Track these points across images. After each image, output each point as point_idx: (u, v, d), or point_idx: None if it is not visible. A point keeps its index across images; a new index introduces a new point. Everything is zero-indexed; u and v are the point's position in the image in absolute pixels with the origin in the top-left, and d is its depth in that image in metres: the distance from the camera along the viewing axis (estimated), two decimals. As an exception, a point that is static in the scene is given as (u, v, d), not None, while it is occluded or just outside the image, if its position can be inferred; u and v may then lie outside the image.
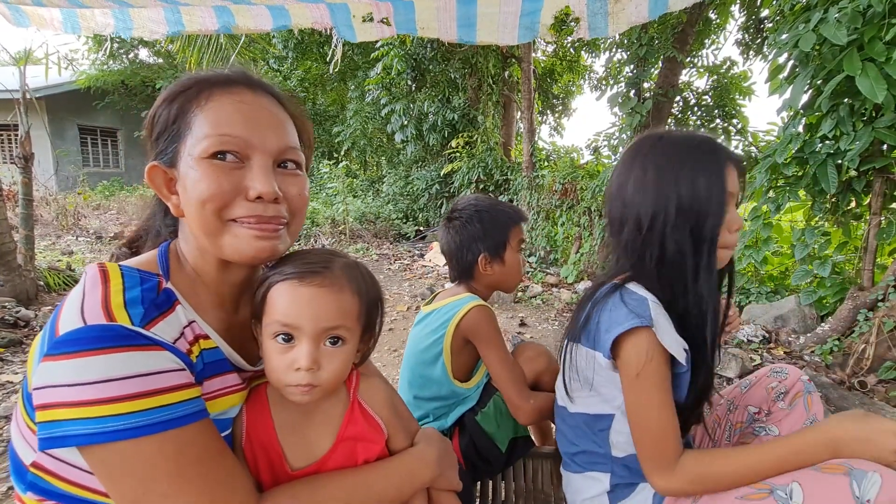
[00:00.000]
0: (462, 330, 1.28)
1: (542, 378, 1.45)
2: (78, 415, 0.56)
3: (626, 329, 0.90)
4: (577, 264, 5.63)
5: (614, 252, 1.04)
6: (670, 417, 0.91)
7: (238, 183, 0.69)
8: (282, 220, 0.74)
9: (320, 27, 2.19)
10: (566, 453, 1.14)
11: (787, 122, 3.30)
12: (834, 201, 3.19)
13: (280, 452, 0.77)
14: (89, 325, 0.59)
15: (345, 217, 8.09)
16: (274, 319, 0.73)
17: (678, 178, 0.93)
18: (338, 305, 0.74)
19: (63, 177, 12.57)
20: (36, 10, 2.30)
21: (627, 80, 5.81)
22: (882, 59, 2.43)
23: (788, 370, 1.20)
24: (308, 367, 0.71)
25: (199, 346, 0.70)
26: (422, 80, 8.98)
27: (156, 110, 0.74)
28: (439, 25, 2.07)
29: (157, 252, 0.76)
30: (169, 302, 0.69)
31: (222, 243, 0.71)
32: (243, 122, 0.70)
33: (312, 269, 0.74)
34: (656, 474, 0.91)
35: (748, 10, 6.27)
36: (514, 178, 7.53)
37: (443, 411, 1.38)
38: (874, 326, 2.86)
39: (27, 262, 3.99)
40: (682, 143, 0.97)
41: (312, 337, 0.72)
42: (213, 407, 0.71)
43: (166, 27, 2.31)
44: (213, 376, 0.72)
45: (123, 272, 0.67)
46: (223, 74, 0.74)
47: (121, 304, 0.62)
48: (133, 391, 0.58)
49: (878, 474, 0.75)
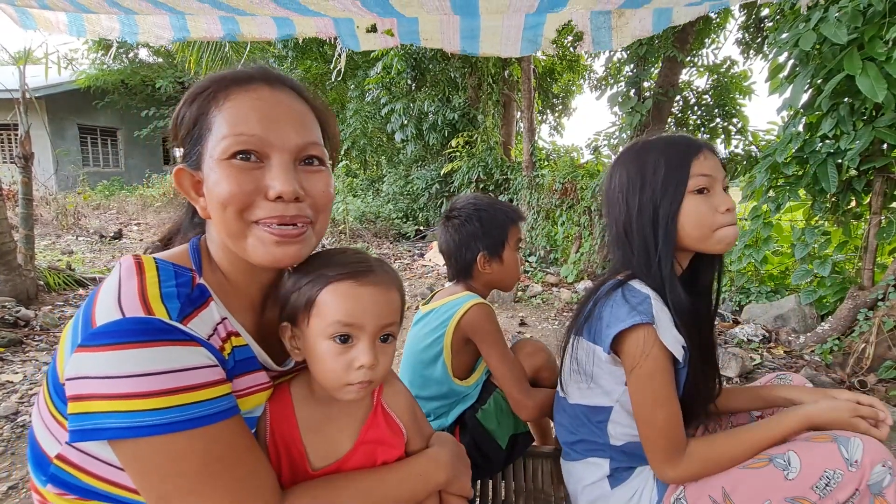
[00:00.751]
0: (462, 328, 1.28)
1: (540, 374, 1.46)
2: (112, 408, 0.56)
3: (627, 326, 0.93)
4: (577, 264, 5.63)
5: (611, 250, 1.11)
6: (675, 411, 0.95)
7: (258, 183, 0.68)
8: (306, 220, 0.72)
9: (324, 36, 2.21)
10: (565, 443, 1.17)
11: (788, 121, 3.30)
12: (834, 200, 3.19)
13: (302, 451, 0.77)
14: (128, 318, 0.59)
15: (345, 216, 8.09)
16: (334, 320, 0.72)
17: (644, 174, 1.02)
18: (392, 303, 0.77)
19: (63, 176, 12.57)
20: (42, 13, 2.31)
21: (627, 79, 5.81)
22: (882, 59, 2.43)
23: (793, 377, 1.24)
24: (371, 363, 0.72)
25: (231, 343, 0.70)
26: (422, 79, 8.98)
27: (178, 112, 0.73)
28: (443, 37, 2.08)
29: (189, 247, 0.75)
30: (203, 297, 0.69)
31: (245, 245, 0.70)
32: (260, 120, 0.68)
33: (364, 269, 0.75)
34: (666, 466, 0.96)
35: (748, 10, 6.26)
36: (514, 177, 7.53)
37: (443, 410, 1.38)
38: (874, 326, 2.86)
39: (27, 262, 3.99)
40: (654, 142, 1.05)
41: (373, 334, 0.73)
42: (242, 405, 0.71)
43: (171, 33, 2.32)
44: (244, 374, 0.72)
45: (158, 265, 0.67)
46: (241, 72, 0.73)
47: (157, 297, 0.62)
48: (168, 387, 0.58)
49: (858, 439, 0.89)
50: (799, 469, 0.89)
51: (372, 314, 0.73)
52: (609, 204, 1.10)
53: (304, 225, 0.72)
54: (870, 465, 0.87)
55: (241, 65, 0.77)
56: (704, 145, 1.02)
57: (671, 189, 0.99)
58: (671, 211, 1.00)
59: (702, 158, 1.00)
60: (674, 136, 1.06)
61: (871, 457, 0.87)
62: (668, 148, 1.03)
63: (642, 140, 1.09)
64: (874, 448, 0.89)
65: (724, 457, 0.96)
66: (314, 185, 0.73)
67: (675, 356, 0.95)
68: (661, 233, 1.00)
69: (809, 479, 0.88)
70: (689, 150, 1.01)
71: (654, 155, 1.02)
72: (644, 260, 1.02)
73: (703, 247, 1.02)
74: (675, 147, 1.02)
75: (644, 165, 1.03)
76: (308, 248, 0.74)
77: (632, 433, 1.05)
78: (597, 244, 5.49)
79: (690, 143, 1.02)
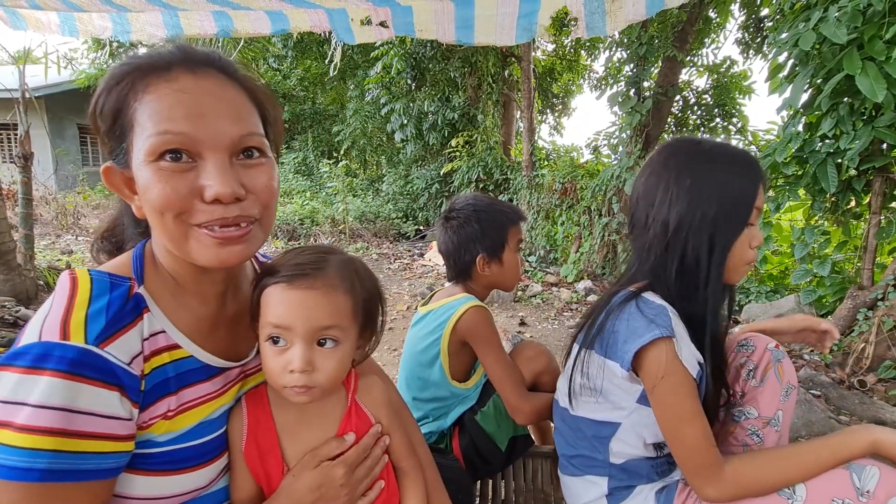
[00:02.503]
0: (459, 332, 1.28)
1: (541, 378, 1.44)
2: None
3: (647, 341, 0.88)
4: (577, 263, 5.64)
5: (635, 254, 1.03)
6: (704, 425, 0.89)
7: (192, 184, 0.62)
8: (249, 219, 0.66)
9: (319, 30, 2.20)
10: (563, 455, 1.14)
11: (787, 121, 3.29)
12: (834, 200, 3.19)
13: (279, 455, 0.76)
14: (42, 342, 0.56)
15: (344, 216, 8.09)
16: (266, 322, 0.73)
17: (712, 187, 0.92)
18: (329, 306, 0.73)
19: (62, 176, 12.55)
20: (33, 14, 2.30)
21: (627, 79, 5.80)
22: (882, 58, 2.42)
23: (754, 341, 1.13)
24: (301, 368, 0.70)
25: (161, 358, 0.67)
26: (421, 79, 8.97)
27: (94, 105, 0.65)
28: (437, 27, 2.07)
29: (132, 254, 0.72)
30: (137, 310, 0.66)
31: (188, 248, 0.65)
32: (186, 116, 0.61)
33: (302, 272, 0.73)
34: (707, 485, 0.89)
35: (748, 9, 6.26)
36: (513, 177, 7.54)
37: (442, 412, 1.37)
38: (874, 325, 2.86)
39: (27, 262, 3.98)
40: (721, 153, 0.96)
41: (304, 338, 0.71)
42: (188, 419, 0.69)
43: (165, 31, 2.31)
44: (187, 386, 0.70)
45: (93, 278, 0.64)
46: (158, 57, 0.64)
47: (81, 320, 0.59)
48: (55, 426, 0.53)
49: (875, 468, 0.81)
50: (804, 498, 0.84)
51: (300, 318, 0.71)
52: (645, 205, 0.99)
53: (248, 224, 0.66)
54: (884, 497, 0.79)
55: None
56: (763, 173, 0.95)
57: (734, 217, 0.92)
58: (728, 243, 0.92)
59: (762, 188, 0.94)
60: (740, 151, 0.97)
61: (887, 489, 0.80)
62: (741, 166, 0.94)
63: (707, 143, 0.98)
64: (892, 479, 0.81)
65: (770, 479, 0.88)
66: (255, 179, 0.66)
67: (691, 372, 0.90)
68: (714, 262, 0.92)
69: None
70: (759, 177, 0.93)
71: (725, 168, 0.93)
72: (683, 283, 0.94)
73: (727, 278, 0.97)
74: (749, 169, 0.94)
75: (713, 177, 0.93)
76: (255, 246, 0.69)
77: (634, 451, 1.01)
78: (596, 244, 5.49)
79: (758, 168, 0.95)
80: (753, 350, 1.12)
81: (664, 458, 1.04)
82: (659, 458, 1.03)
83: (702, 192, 0.93)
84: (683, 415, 0.89)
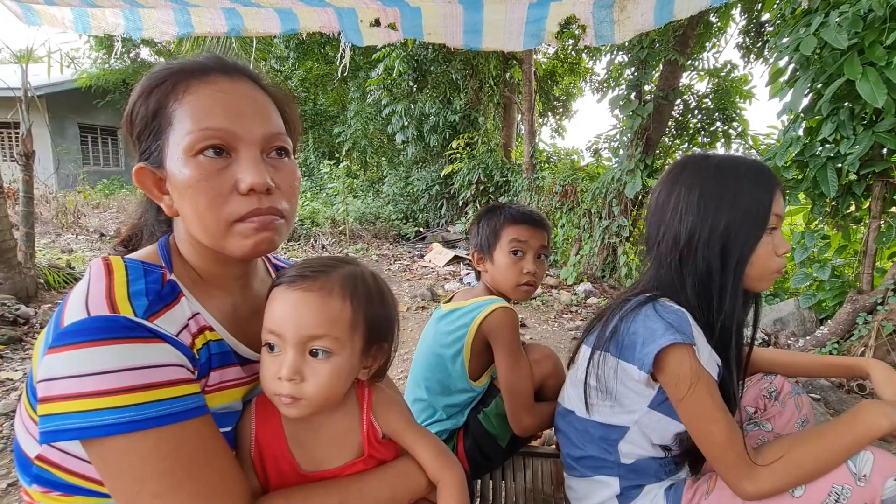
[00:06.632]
0: (483, 330, 1.27)
1: (547, 382, 1.40)
2: (76, 407, 0.55)
3: (668, 343, 0.88)
4: (577, 266, 5.64)
5: (652, 268, 1.03)
6: (730, 422, 0.89)
7: (230, 179, 0.66)
8: (279, 212, 0.71)
9: (328, 31, 2.22)
10: (569, 456, 1.13)
11: (788, 125, 3.30)
12: (834, 205, 3.20)
13: (293, 461, 0.75)
14: (93, 317, 0.58)
15: (345, 217, 8.09)
16: (264, 326, 0.72)
17: (720, 199, 0.94)
18: (323, 312, 0.70)
19: (63, 175, 12.56)
20: (48, 9, 2.32)
21: (628, 82, 5.81)
22: (882, 64, 2.43)
23: (776, 376, 1.27)
24: (288, 376, 0.68)
25: (204, 337, 0.70)
26: (423, 81, 8.99)
27: (132, 107, 0.70)
28: (446, 31, 2.09)
29: (158, 245, 0.75)
30: (174, 293, 0.68)
31: (225, 244, 0.69)
32: (224, 113, 0.66)
33: (304, 274, 0.72)
34: (744, 481, 0.87)
35: (749, 14, 6.28)
36: (514, 179, 7.54)
37: (457, 409, 1.37)
38: (873, 330, 2.86)
39: (27, 260, 3.98)
40: (729, 165, 0.97)
41: (294, 345, 0.69)
42: (215, 400, 0.70)
43: (176, 28, 2.32)
44: (216, 368, 0.72)
45: (127, 265, 0.67)
46: (197, 63, 0.70)
47: (125, 296, 0.62)
48: (132, 384, 0.57)
49: (869, 452, 0.85)
50: (805, 486, 0.85)
51: (291, 322, 0.69)
52: (657, 220, 1.01)
53: (278, 217, 0.71)
54: (881, 480, 0.82)
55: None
56: (777, 181, 0.97)
57: (749, 226, 0.93)
58: (745, 252, 0.93)
59: (778, 195, 0.95)
60: (754, 162, 0.98)
61: (881, 471, 0.83)
62: (750, 175, 0.95)
63: (716, 157, 1.00)
64: (886, 462, 0.84)
65: (805, 463, 0.86)
66: (283, 177, 0.72)
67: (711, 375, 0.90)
68: (729, 272, 0.93)
69: (817, 496, 0.84)
70: (772, 184, 0.94)
71: (733, 180, 0.94)
72: (700, 294, 0.95)
73: (752, 286, 0.97)
74: (759, 177, 0.95)
75: (722, 189, 0.94)
76: (280, 238, 0.72)
77: (642, 452, 1.01)
78: (596, 247, 5.50)
79: (773, 177, 0.96)
80: (774, 378, 1.23)
81: (671, 458, 1.04)
82: (666, 457, 1.04)
83: (709, 204, 0.94)
84: (707, 414, 0.88)
